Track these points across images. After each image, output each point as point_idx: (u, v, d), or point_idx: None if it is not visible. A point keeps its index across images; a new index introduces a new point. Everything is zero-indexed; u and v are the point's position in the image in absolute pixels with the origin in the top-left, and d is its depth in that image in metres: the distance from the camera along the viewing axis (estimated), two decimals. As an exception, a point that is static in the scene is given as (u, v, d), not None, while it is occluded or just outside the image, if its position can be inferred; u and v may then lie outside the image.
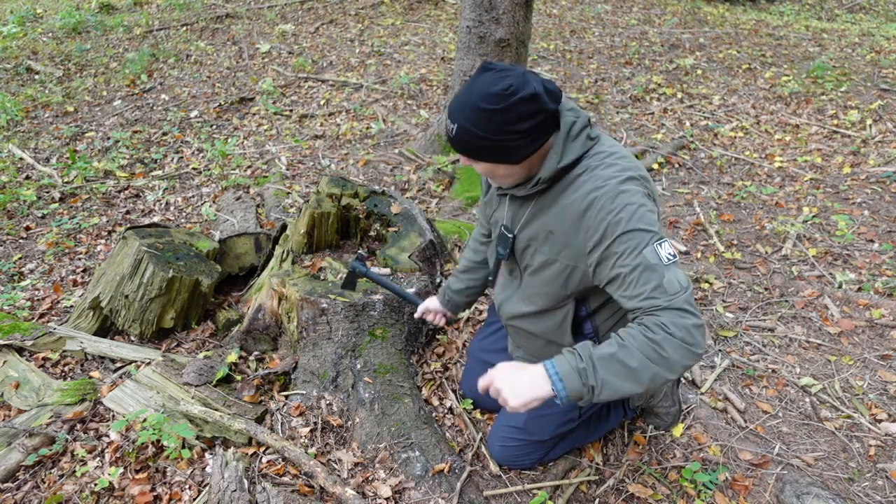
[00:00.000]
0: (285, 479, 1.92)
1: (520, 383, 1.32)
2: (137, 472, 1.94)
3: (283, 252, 2.62)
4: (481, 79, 1.35)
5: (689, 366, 1.29)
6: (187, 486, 1.90)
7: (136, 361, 2.41)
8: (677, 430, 2.18)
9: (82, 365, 2.43)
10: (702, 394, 2.38)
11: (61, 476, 1.95)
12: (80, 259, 3.37)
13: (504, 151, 1.39)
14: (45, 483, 1.93)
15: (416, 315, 2.16)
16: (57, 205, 3.93)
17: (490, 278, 1.90)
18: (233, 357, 2.32)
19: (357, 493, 1.84)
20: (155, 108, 5.49)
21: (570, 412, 1.90)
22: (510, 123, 1.34)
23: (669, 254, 1.33)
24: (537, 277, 1.63)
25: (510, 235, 1.65)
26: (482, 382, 1.39)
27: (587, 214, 1.39)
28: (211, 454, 2.00)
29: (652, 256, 1.31)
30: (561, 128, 1.41)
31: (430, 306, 2.13)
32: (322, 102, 5.54)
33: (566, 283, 1.57)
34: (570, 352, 1.33)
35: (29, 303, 2.90)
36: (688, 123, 5.02)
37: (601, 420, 2.06)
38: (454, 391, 2.37)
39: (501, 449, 2.01)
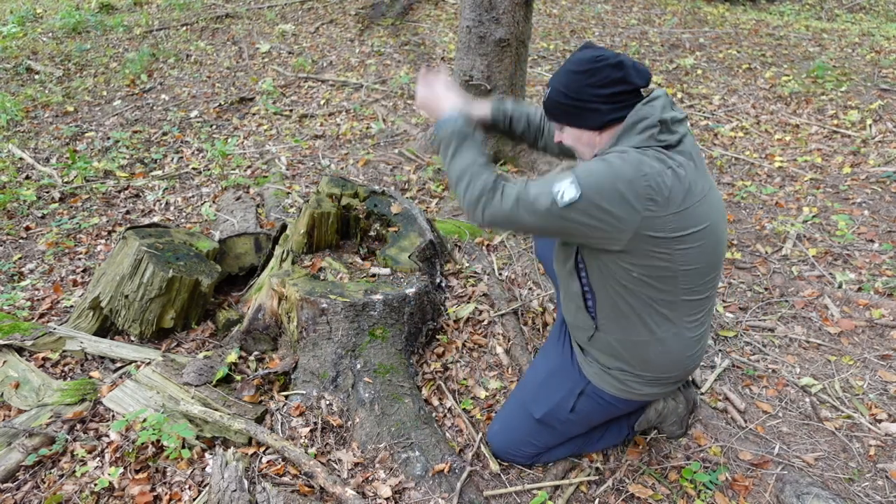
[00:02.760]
0: (285, 479, 1.92)
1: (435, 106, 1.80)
2: (137, 472, 1.94)
3: (283, 252, 2.62)
4: (578, 53, 1.55)
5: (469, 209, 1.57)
6: (187, 486, 1.90)
7: (136, 361, 2.41)
8: (677, 430, 2.18)
9: (82, 365, 2.43)
10: (702, 394, 2.38)
11: (61, 476, 1.95)
12: (80, 259, 3.37)
13: (584, 114, 1.54)
14: (45, 483, 1.93)
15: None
16: (57, 205, 3.93)
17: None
18: (233, 357, 2.32)
19: (357, 493, 1.84)
20: (155, 108, 5.49)
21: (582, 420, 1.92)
22: (593, 87, 1.50)
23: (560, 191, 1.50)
24: None
25: None
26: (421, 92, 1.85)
27: None
28: (211, 454, 2.00)
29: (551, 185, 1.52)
30: (625, 120, 1.51)
31: (479, 112, 2.02)
32: (322, 102, 5.54)
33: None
34: (458, 123, 1.68)
35: (29, 303, 2.90)
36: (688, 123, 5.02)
37: (603, 434, 2.06)
38: (453, 392, 2.37)
39: (501, 433, 2.02)
